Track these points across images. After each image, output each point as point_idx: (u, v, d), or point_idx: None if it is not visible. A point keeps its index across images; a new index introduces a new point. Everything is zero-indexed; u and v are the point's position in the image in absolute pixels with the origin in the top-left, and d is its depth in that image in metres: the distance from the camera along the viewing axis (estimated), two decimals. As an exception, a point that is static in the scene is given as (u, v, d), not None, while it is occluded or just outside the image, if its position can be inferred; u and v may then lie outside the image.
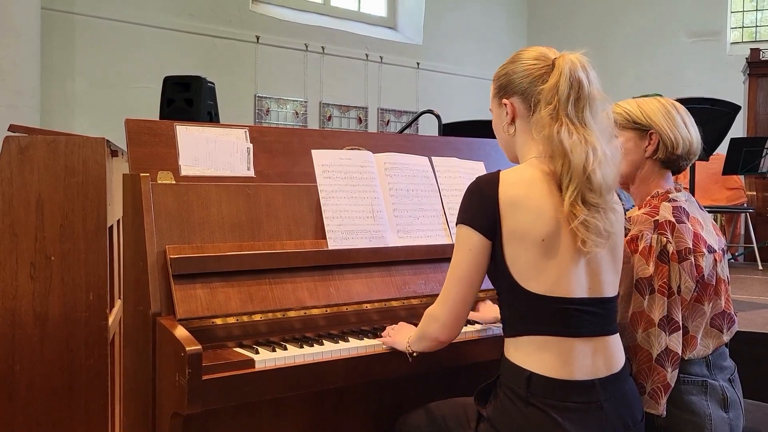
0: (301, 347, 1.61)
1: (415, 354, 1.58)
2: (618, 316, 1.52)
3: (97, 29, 4.63)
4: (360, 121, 6.09)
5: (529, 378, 1.37)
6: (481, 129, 3.84)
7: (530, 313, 1.40)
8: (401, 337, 1.63)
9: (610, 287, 1.46)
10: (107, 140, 1.86)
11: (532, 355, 1.39)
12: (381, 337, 1.71)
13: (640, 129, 1.70)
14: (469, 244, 1.43)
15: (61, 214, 1.72)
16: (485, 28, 7.09)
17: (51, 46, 4.32)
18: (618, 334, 1.48)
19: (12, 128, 1.77)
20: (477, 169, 2.25)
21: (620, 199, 1.55)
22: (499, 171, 1.45)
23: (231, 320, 1.64)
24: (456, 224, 1.48)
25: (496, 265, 1.43)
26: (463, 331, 1.80)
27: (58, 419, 1.71)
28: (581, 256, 1.39)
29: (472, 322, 1.89)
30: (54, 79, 4.37)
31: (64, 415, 1.71)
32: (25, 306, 1.68)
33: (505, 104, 1.53)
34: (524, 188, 1.41)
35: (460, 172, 2.22)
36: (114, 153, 2.00)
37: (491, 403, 1.44)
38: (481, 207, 1.42)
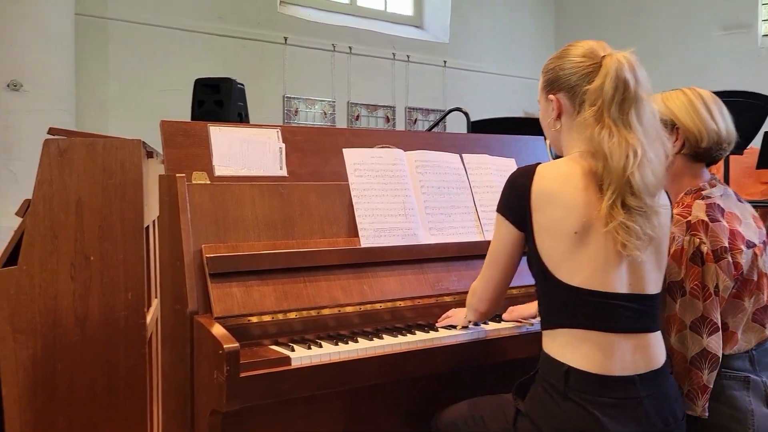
0: (336, 345, 1.62)
1: (471, 323, 1.76)
2: None
3: (130, 33, 4.71)
4: (387, 120, 6.09)
5: (567, 372, 1.36)
6: (511, 126, 3.81)
7: (566, 305, 1.40)
8: (461, 314, 1.77)
9: (653, 284, 1.44)
10: (143, 142, 1.88)
11: (570, 348, 1.39)
12: (414, 334, 1.72)
13: (666, 125, 1.67)
14: (502, 234, 1.51)
15: (99, 215, 1.74)
16: (512, 24, 7.03)
17: (85, 51, 4.40)
18: (660, 331, 1.46)
19: (52, 131, 1.80)
20: (509, 165, 2.23)
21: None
22: (538, 164, 1.46)
23: (266, 318, 1.65)
24: (496, 211, 1.53)
25: (530, 255, 1.46)
26: (497, 328, 1.81)
27: (98, 419, 1.73)
28: (621, 255, 1.37)
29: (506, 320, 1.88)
30: (88, 83, 4.45)
31: (104, 415, 1.74)
32: (65, 306, 1.70)
33: (552, 99, 1.52)
34: (558, 183, 1.41)
35: (491, 169, 2.21)
36: (150, 154, 2.03)
37: (529, 397, 1.44)
38: (514, 199, 1.46)
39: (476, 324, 1.80)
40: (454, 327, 1.79)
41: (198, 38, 4.99)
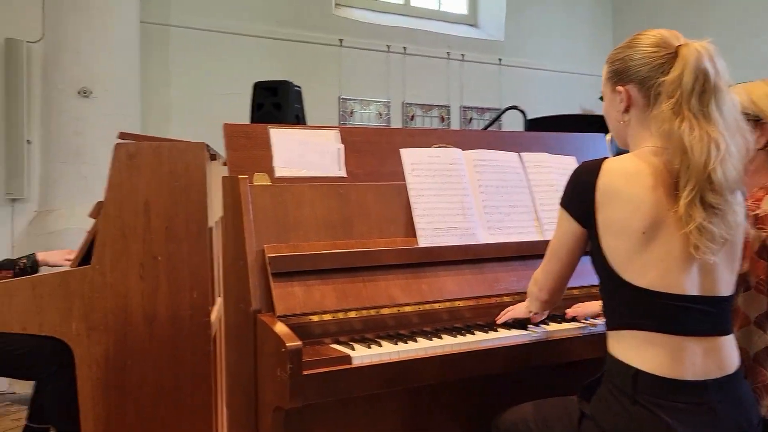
0: (396, 344, 1.62)
1: (533, 313, 1.74)
2: None
3: (190, 40, 4.84)
4: (442, 119, 6.07)
5: (636, 375, 1.32)
6: (569, 123, 3.74)
7: (632, 306, 1.36)
8: (521, 306, 1.76)
9: (725, 286, 1.38)
10: (207, 144, 1.94)
11: (637, 351, 1.34)
12: (474, 334, 1.71)
13: (751, 119, 1.60)
14: (564, 228, 1.48)
15: (166, 216, 1.80)
16: (568, 20, 6.90)
17: (149, 58, 4.55)
18: (732, 334, 1.40)
19: (121, 136, 1.87)
20: (569, 164, 2.19)
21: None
22: (604, 159, 1.41)
23: (327, 317, 1.67)
24: (559, 204, 1.49)
25: (594, 253, 1.42)
26: (558, 329, 1.79)
27: (165, 413, 1.79)
28: (692, 256, 1.32)
29: (570, 320, 1.85)
30: (152, 89, 4.60)
31: (171, 410, 1.80)
32: (135, 305, 1.77)
33: (620, 91, 1.46)
34: (625, 179, 1.36)
35: (551, 168, 2.17)
36: (213, 156, 2.08)
37: (595, 400, 1.41)
38: (578, 194, 1.42)
39: (537, 324, 1.77)
40: (520, 326, 1.77)
41: (256, 42, 5.08)
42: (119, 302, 1.76)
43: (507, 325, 1.79)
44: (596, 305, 1.82)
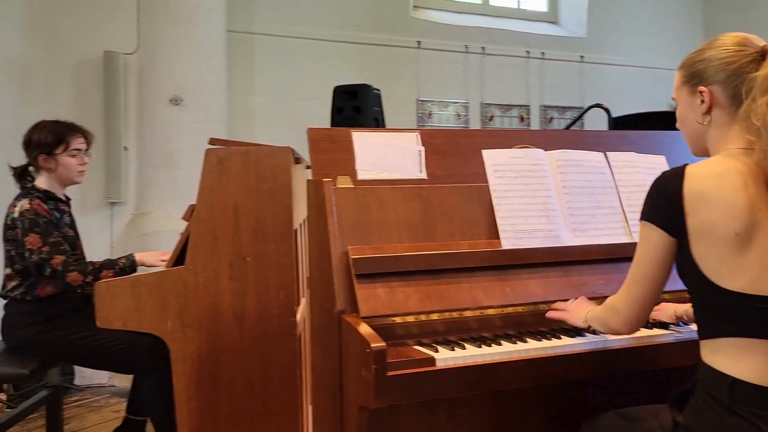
0: (480, 347, 1.61)
1: (591, 329, 1.62)
2: None
3: (272, 46, 4.98)
4: (522, 119, 5.97)
5: (732, 385, 1.26)
6: (657, 121, 3.60)
7: (727, 312, 1.30)
8: (579, 312, 1.64)
9: None
10: (291, 149, 1.99)
11: (733, 359, 1.28)
12: (560, 338, 1.67)
13: None
14: (651, 242, 1.38)
15: (254, 218, 1.86)
16: (654, 14, 6.64)
17: (234, 65, 4.72)
18: None
19: (212, 141, 1.95)
20: (658, 163, 2.12)
21: None
22: (686, 165, 1.36)
23: (410, 319, 1.68)
24: (639, 220, 1.42)
25: (683, 262, 1.35)
26: (649, 335, 1.72)
27: (254, 409, 1.85)
28: None
29: (657, 324, 1.78)
30: (237, 95, 4.77)
31: (260, 406, 1.85)
32: (226, 303, 1.84)
33: (702, 92, 1.43)
34: (712, 181, 1.31)
35: (639, 167, 2.10)
36: (297, 160, 2.14)
37: (689, 410, 1.35)
38: (663, 203, 1.36)
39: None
40: (578, 333, 1.70)
41: (335, 47, 5.18)
42: (211, 301, 1.83)
43: (559, 319, 1.73)
44: (673, 307, 1.75)
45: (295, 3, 5.07)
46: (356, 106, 3.69)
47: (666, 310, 1.80)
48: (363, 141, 1.97)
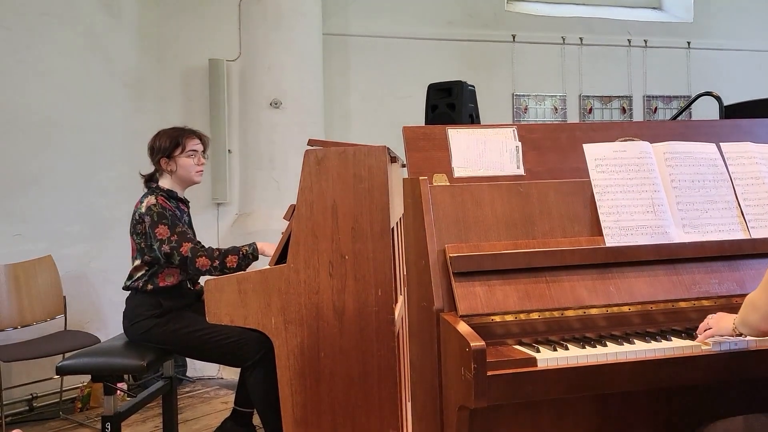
0: (583, 348, 1.56)
1: (744, 336, 1.51)
2: None
3: (366, 47, 5.05)
4: (623, 111, 5.73)
5: None
6: (775, 108, 3.35)
7: None
8: (725, 323, 1.54)
9: None
10: (387, 148, 2.01)
11: None
12: (670, 340, 1.59)
13: None
14: None
15: (352, 217, 1.89)
16: (770, -8, 6.19)
17: (330, 67, 4.83)
18: None
19: (311, 142, 2.00)
20: (778, 153, 1.97)
21: None
22: None
23: (509, 318, 1.66)
24: None
25: None
26: (770, 338, 1.60)
27: (355, 404, 1.88)
28: None
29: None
30: (333, 96, 4.88)
31: (360, 401, 1.88)
32: (326, 300, 1.88)
33: None
34: None
35: (756, 158, 1.96)
36: (392, 159, 2.16)
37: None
38: None
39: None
40: (689, 335, 1.61)
41: (428, 45, 5.18)
42: (312, 298, 1.88)
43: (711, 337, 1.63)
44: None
45: (388, 3, 5.11)
46: (451, 104, 3.67)
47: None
48: (459, 138, 1.96)
